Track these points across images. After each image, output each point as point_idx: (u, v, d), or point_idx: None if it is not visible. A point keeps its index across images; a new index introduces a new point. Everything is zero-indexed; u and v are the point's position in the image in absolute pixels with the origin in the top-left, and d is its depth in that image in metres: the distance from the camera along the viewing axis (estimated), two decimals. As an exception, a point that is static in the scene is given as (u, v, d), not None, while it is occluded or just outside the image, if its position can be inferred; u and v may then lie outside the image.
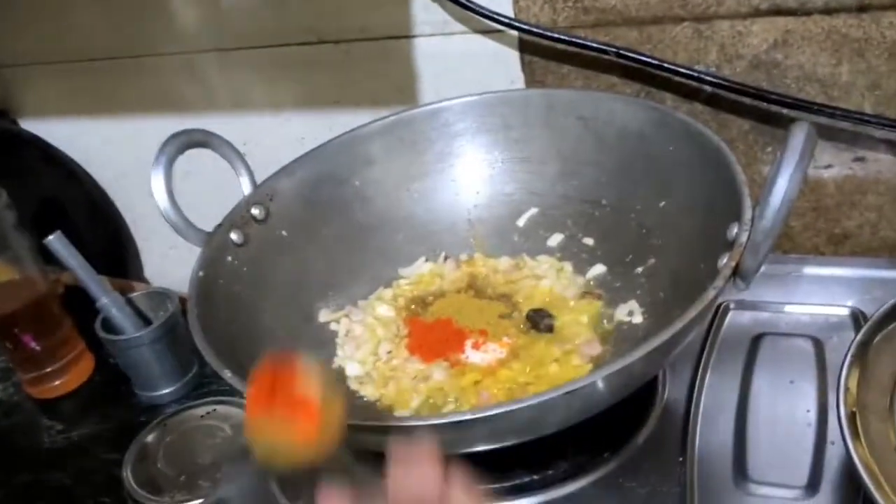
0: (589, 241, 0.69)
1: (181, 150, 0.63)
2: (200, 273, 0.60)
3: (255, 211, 0.66)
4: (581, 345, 0.62)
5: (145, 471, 0.73)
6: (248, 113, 0.86)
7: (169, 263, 0.99)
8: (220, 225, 0.63)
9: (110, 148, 0.96)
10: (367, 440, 0.54)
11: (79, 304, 0.85)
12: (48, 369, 0.85)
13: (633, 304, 0.63)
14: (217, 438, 0.76)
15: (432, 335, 0.64)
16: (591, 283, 0.67)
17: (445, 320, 0.66)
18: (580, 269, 0.69)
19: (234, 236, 0.64)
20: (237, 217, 0.65)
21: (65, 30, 0.90)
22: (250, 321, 0.61)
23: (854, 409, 0.51)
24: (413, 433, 0.48)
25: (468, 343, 0.63)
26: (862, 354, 0.54)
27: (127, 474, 0.72)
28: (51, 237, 0.76)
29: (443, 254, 0.72)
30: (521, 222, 0.72)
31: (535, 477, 0.57)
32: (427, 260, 0.72)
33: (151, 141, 0.65)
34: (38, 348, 0.84)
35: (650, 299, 0.63)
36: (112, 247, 1.02)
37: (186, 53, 0.85)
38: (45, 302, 0.86)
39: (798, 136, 0.47)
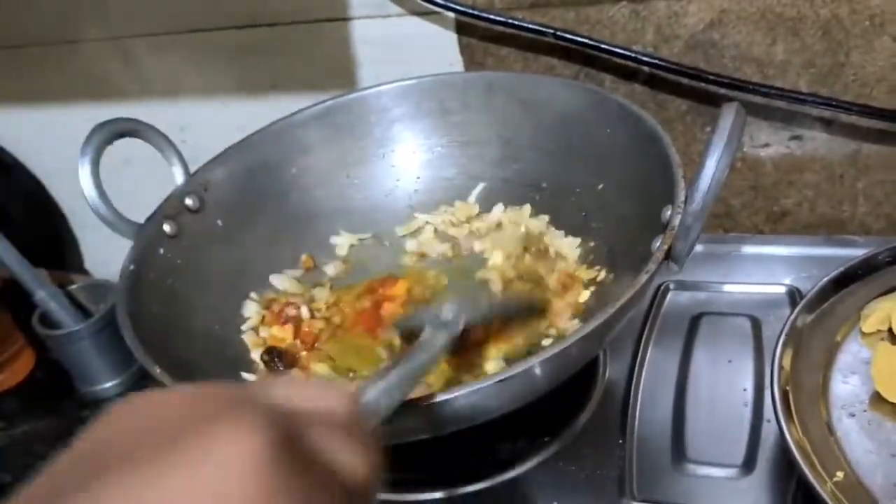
0: (530, 225, 0.69)
1: (109, 140, 0.61)
2: (131, 267, 0.58)
3: (188, 201, 0.64)
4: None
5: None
6: (184, 100, 0.84)
7: (109, 254, 0.96)
8: (151, 216, 0.62)
9: (44, 137, 0.93)
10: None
11: (16, 298, 0.83)
12: (-14, 365, 0.84)
13: (572, 288, 0.63)
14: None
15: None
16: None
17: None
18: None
19: (166, 228, 0.62)
20: (170, 208, 0.63)
21: (-8, 15, 0.87)
22: (185, 315, 0.60)
23: (787, 388, 0.52)
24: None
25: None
26: (796, 333, 0.55)
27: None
28: (-18, 230, 0.74)
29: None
30: (462, 207, 0.71)
31: (476, 464, 0.57)
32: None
33: (86, 129, 0.63)
34: (-26, 343, 0.83)
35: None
36: (50, 238, 1.00)
37: (117, 38, 0.83)
38: (-22, 297, 0.84)
39: (727, 117, 0.47)
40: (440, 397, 0.45)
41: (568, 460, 0.56)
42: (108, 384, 0.81)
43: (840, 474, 0.47)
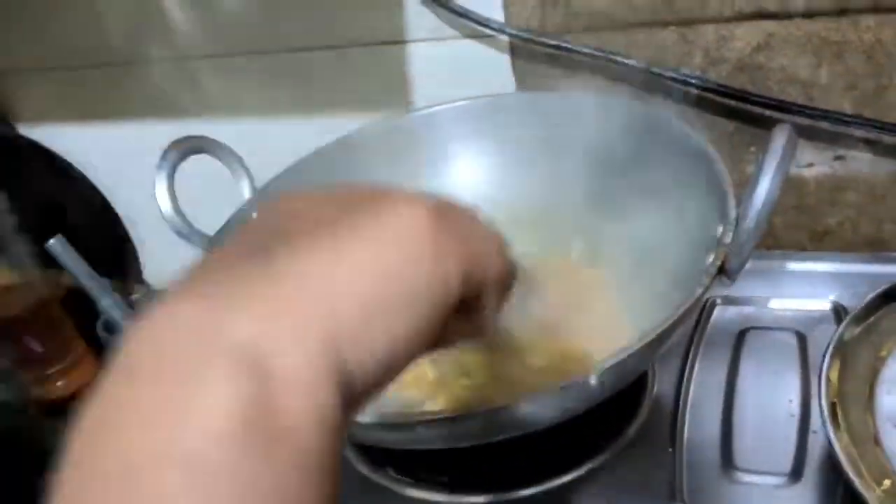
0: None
1: (183, 157, 0.65)
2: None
3: (255, 215, 0.67)
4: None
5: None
6: (243, 118, 0.88)
7: (168, 265, 1.00)
8: (222, 228, 0.65)
9: (108, 152, 0.97)
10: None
11: (79, 305, 0.86)
12: (50, 371, 0.87)
13: (623, 301, 0.65)
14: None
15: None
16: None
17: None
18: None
19: (236, 240, 0.65)
20: (239, 221, 0.66)
21: (62, 35, 0.91)
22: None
23: (835, 400, 0.54)
24: (411, 429, 0.50)
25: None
26: (842, 347, 0.57)
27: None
28: (52, 241, 0.77)
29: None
30: (515, 225, 0.73)
31: (527, 471, 0.59)
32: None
33: (148, 145, 0.67)
34: (40, 350, 0.86)
35: (640, 296, 0.65)
36: (112, 249, 1.03)
37: (181, 59, 0.87)
38: (46, 305, 0.87)
39: (779, 138, 0.49)
40: (501, 405, 0.47)
41: (621, 466, 0.58)
42: (167, 389, 0.84)
43: (888, 482, 0.49)
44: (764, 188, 0.48)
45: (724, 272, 0.52)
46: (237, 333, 0.23)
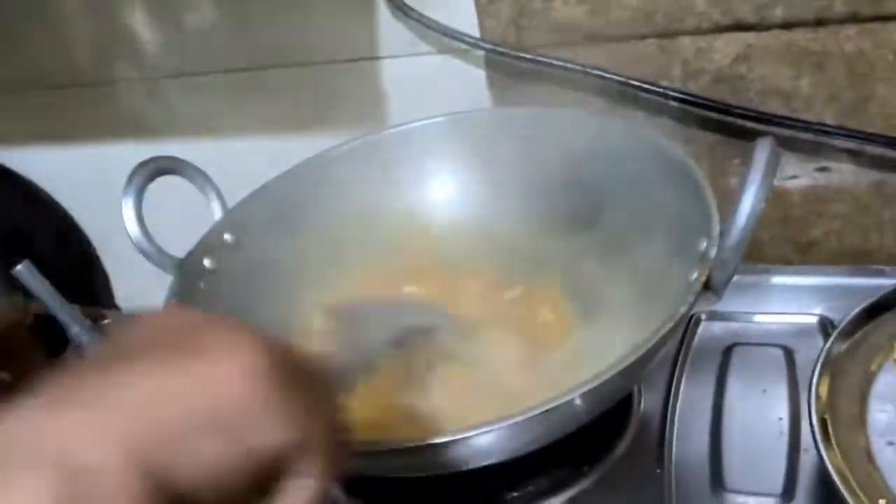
0: (562, 257, 0.69)
1: (151, 178, 0.63)
2: (174, 301, 0.59)
3: (226, 237, 0.65)
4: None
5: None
6: (214, 137, 0.86)
7: (140, 289, 0.98)
8: (192, 252, 0.63)
9: (76, 174, 0.95)
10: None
11: (49, 332, 0.84)
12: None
13: (606, 319, 0.64)
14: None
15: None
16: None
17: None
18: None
19: (206, 263, 0.63)
20: (209, 243, 0.64)
21: (29, 57, 0.89)
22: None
23: (825, 417, 0.52)
24: (384, 456, 0.48)
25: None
26: (831, 362, 0.55)
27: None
28: (19, 267, 0.75)
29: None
30: (492, 242, 0.72)
31: (515, 494, 0.57)
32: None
33: (117, 167, 0.65)
34: (7, 379, 0.83)
35: (623, 313, 0.63)
36: (81, 273, 1.01)
37: (150, 78, 0.85)
38: (13, 332, 0.85)
39: (761, 153, 0.48)
40: (479, 430, 0.45)
41: (607, 489, 0.56)
42: (141, 417, 0.82)
43: (883, 502, 0.47)
44: (747, 204, 0.47)
45: (709, 288, 0.50)
46: (51, 439, 0.25)
